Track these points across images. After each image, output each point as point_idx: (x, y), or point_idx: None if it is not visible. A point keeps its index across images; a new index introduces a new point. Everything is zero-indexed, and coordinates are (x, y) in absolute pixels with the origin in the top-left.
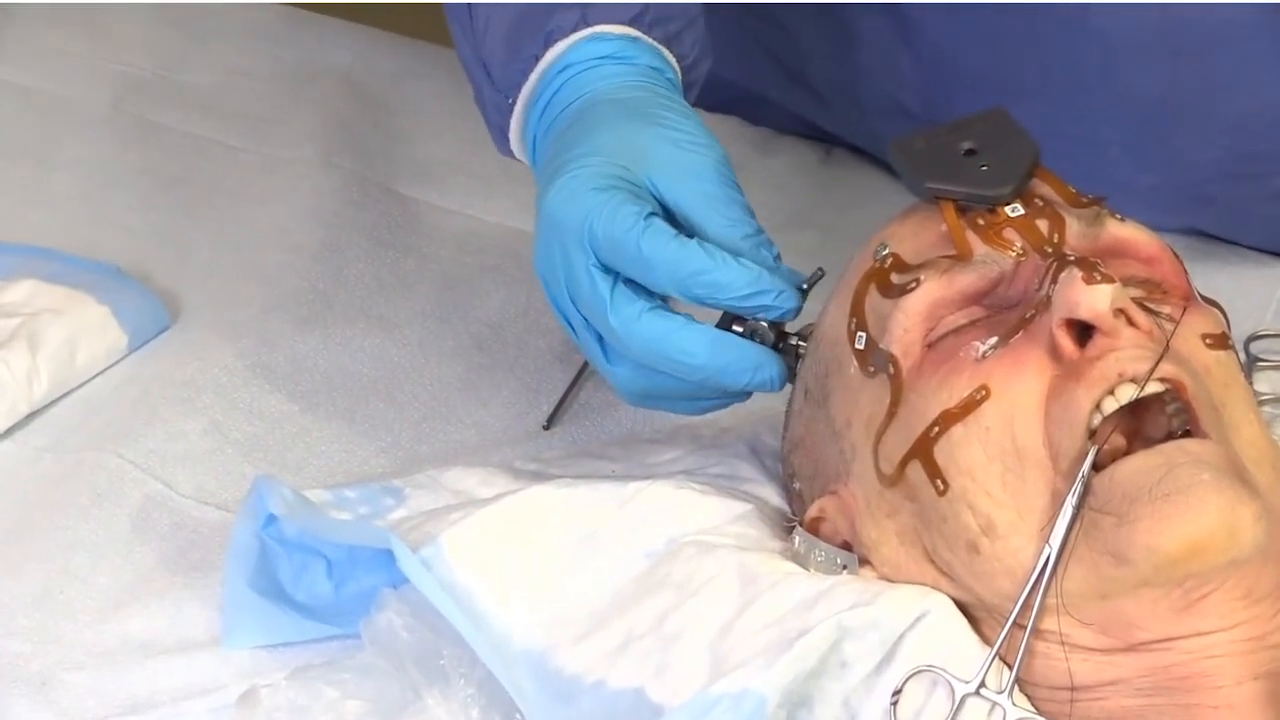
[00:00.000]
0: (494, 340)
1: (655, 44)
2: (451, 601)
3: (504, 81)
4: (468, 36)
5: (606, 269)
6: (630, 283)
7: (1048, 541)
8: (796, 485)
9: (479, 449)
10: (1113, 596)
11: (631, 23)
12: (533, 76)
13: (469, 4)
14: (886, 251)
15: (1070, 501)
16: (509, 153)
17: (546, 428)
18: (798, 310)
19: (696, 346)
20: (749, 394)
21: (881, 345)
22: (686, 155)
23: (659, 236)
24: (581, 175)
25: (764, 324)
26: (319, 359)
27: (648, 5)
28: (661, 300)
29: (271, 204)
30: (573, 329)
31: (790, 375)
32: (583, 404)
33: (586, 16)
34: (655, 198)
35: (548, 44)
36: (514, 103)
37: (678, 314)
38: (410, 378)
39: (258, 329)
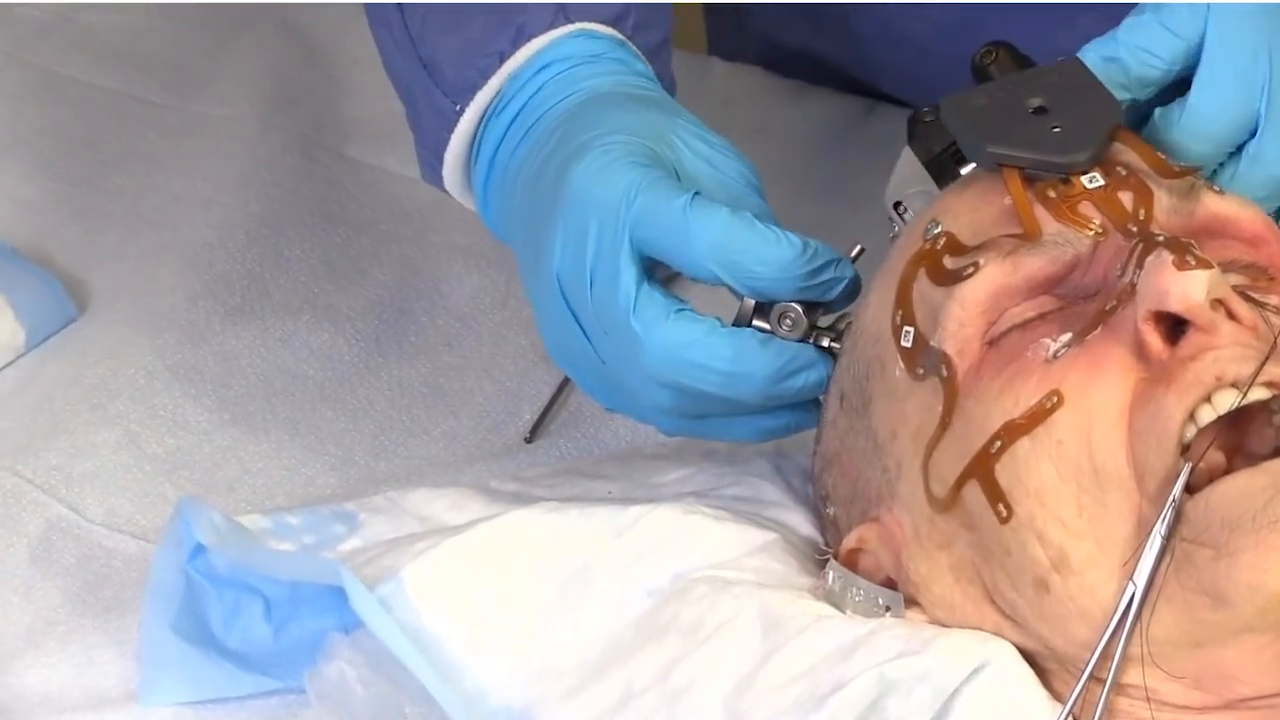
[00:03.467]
0: (466, 335)
1: (639, 54)
2: (415, 649)
3: (456, 83)
4: (399, 38)
5: (637, 260)
6: (659, 284)
7: (1131, 578)
8: (830, 510)
9: (448, 466)
10: (1209, 644)
11: (614, 24)
12: (495, 79)
13: (399, 3)
14: (939, 230)
15: (1159, 530)
16: (437, 179)
17: (529, 440)
18: (856, 282)
19: (735, 353)
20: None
21: (932, 342)
22: (714, 153)
23: (708, 207)
24: (615, 150)
25: (797, 309)
26: (255, 358)
27: (630, 6)
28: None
29: (198, 171)
30: (589, 342)
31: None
32: (572, 412)
33: (566, 12)
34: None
35: (519, 40)
36: (462, 110)
37: (707, 317)
38: (365, 380)
39: (181, 322)
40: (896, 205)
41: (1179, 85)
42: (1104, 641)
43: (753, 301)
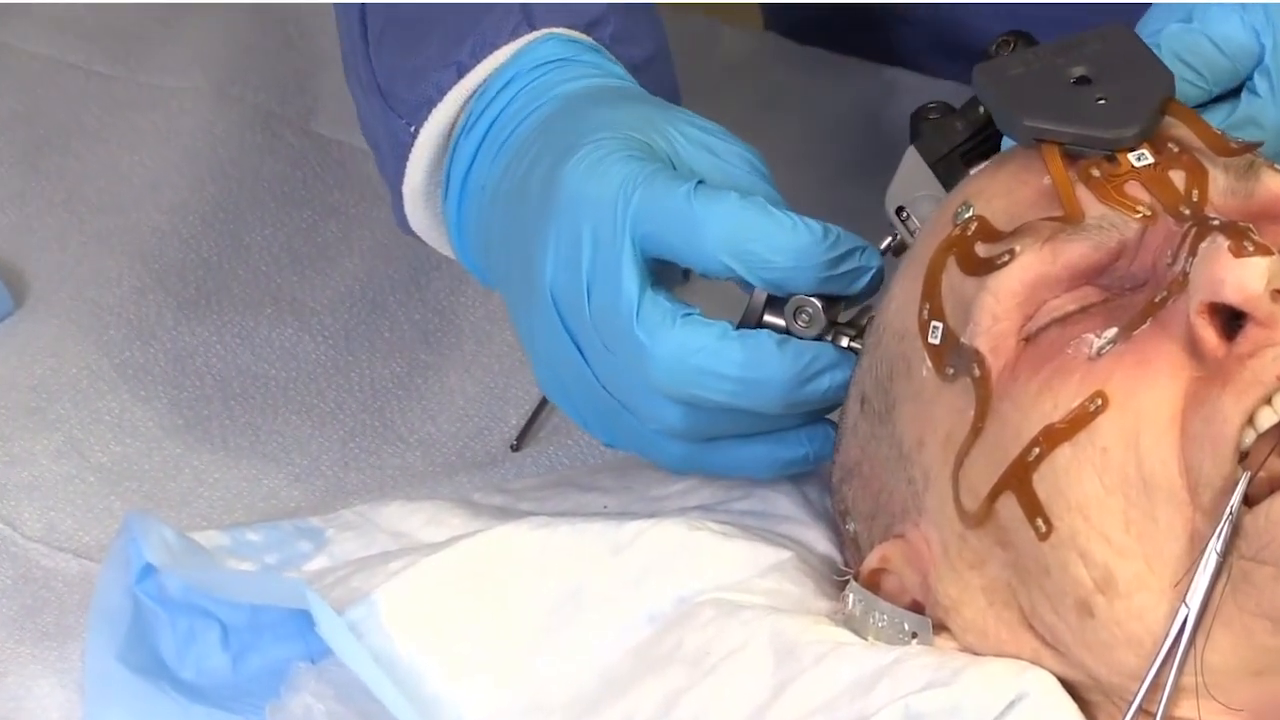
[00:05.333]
0: (445, 331)
1: (615, 60)
2: (389, 680)
3: (411, 101)
4: (364, 75)
5: (639, 262)
6: (663, 289)
7: (1184, 600)
8: (850, 526)
9: (425, 476)
10: (1270, 673)
11: (587, 31)
12: (455, 93)
13: (361, 4)
14: (970, 213)
15: (1214, 547)
16: (402, 220)
17: (515, 448)
18: (883, 273)
19: (749, 357)
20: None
21: (963, 339)
22: (714, 139)
23: (714, 193)
24: (606, 145)
25: (815, 304)
26: (211, 356)
27: (607, 12)
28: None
29: (147, 149)
30: (588, 366)
31: None
32: (564, 417)
33: (531, 19)
34: None
35: (478, 51)
36: (417, 131)
37: (717, 321)
38: (334, 381)
39: (129, 316)
40: (899, 211)
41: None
42: (1154, 670)
43: (765, 294)
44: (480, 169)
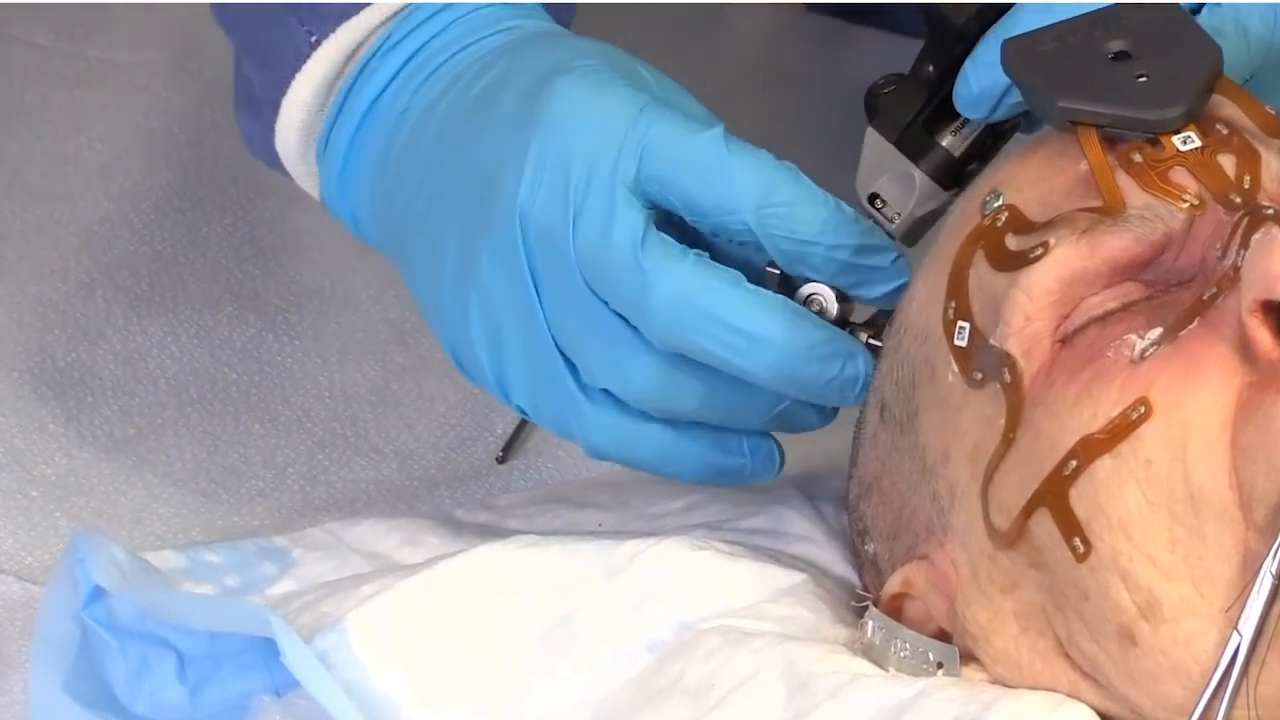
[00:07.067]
0: (423, 332)
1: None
2: (361, 715)
3: (320, 6)
4: None
5: (642, 196)
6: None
7: (1236, 627)
8: (869, 546)
9: (402, 491)
10: None
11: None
12: (375, 10)
13: None
14: (1000, 202)
15: (1269, 568)
16: (257, 139)
17: (501, 460)
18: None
19: (762, 313)
20: (820, 418)
21: (992, 340)
22: (686, 98)
23: (747, 145)
24: (604, 71)
25: (828, 294)
26: (165, 358)
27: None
28: None
29: (96, 131)
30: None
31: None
32: None
33: None
34: None
35: None
36: (318, 42)
37: (730, 269)
38: (300, 386)
39: (75, 315)
40: (872, 199)
41: None
42: (1203, 704)
43: (776, 276)
44: (400, 92)
